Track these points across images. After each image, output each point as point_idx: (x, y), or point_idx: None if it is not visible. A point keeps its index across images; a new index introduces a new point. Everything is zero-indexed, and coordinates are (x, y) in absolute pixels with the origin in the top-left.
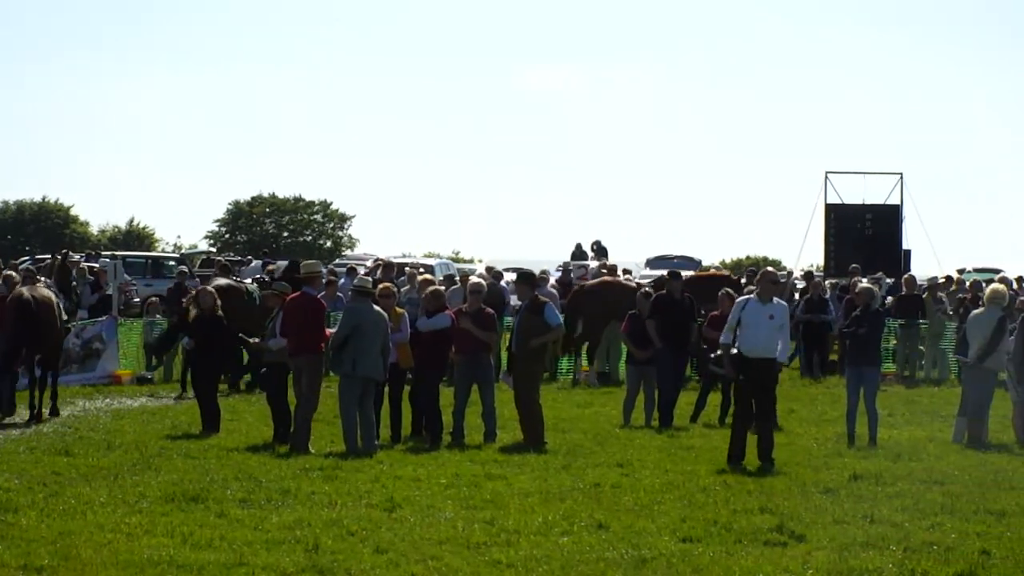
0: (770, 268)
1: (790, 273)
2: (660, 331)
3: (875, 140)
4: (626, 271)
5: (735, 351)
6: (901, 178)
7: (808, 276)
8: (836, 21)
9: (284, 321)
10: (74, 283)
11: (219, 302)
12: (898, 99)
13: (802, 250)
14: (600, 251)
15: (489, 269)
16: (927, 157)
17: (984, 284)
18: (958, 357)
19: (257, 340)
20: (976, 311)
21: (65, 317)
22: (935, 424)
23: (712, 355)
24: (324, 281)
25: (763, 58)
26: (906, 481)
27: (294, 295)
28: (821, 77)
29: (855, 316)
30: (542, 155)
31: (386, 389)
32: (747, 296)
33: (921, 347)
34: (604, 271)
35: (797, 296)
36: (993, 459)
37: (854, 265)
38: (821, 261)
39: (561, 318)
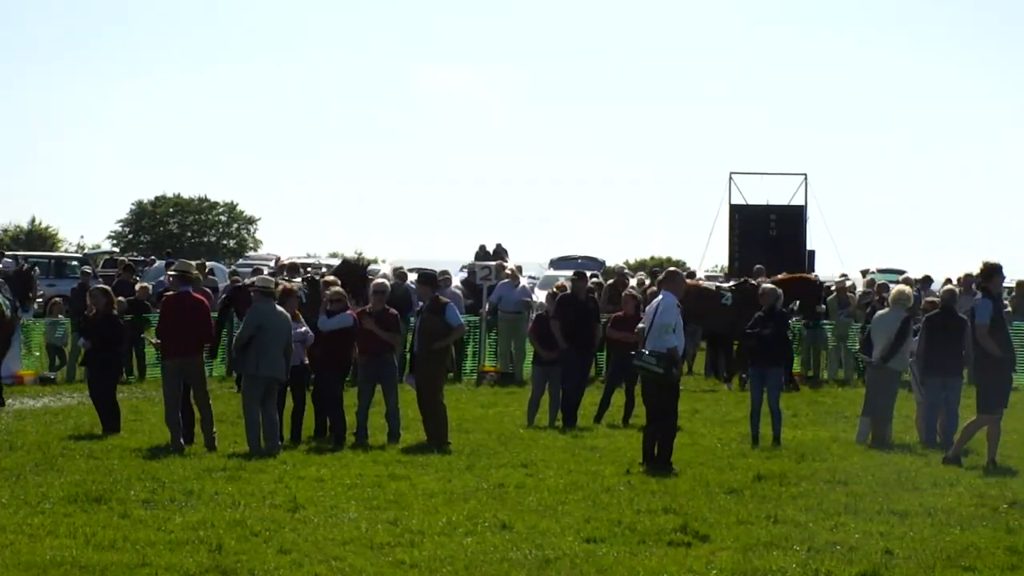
0: (673, 268)
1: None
2: (564, 331)
3: (779, 141)
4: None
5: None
6: (805, 179)
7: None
8: (737, 21)
9: (160, 321)
10: None
11: (115, 302)
12: (802, 100)
13: (706, 251)
14: (499, 253)
15: (396, 270)
16: (831, 158)
17: (890, 285)
18: (862, 357)
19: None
20: (881, 312)
21: None
22: (839, 424)
23: (634, 352)
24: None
25: (667, 59)
26: (810, 481)
27: (171, 295)
28: (725, 77)
29: (759, 317)
30: (445, 155)
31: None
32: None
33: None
34: (507, 274)
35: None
36: (896, 459)
37: (758, 266)
38: (725, 262)
39: (463, 319)
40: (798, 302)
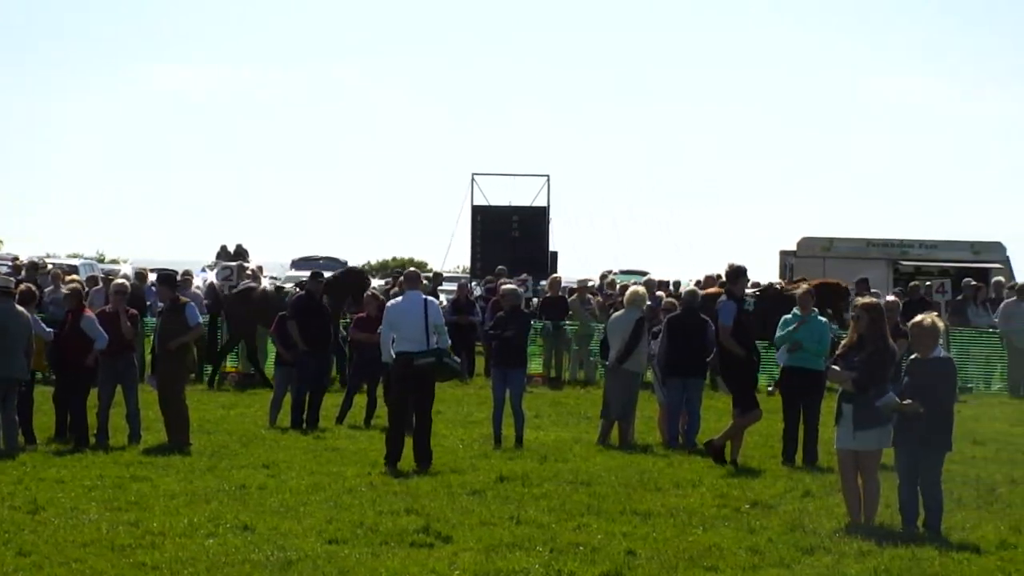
0: (413, 269)
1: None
2: (302, 333)
3: (522, 142)
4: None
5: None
6: (548, 180)
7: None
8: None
9: None
10: None
11: None
12: (546, 101)
13: (448, 251)
14: (240, 253)
15: (138, 271)
16: (573, 159)
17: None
18: (599, 359)
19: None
20: (616, 313)
21: None
22: (581, 425)
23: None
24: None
25: (409, 60)
26: (552, 482)
27: None
28: (467, 78)
29: (500, 317)
30: (188, 155)
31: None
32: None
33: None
34: (248, 275)
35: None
36: (639, 460)
37: (500, 267)
38: (468, 262)
39: (201, 318)
40: (829, 309)
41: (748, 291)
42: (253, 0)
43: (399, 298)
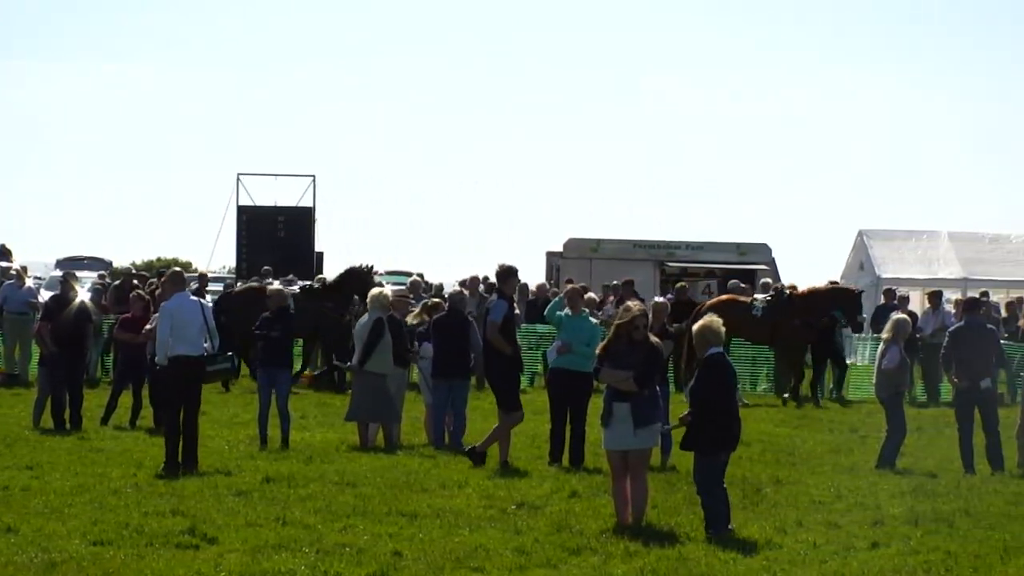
0: (177, 269)
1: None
2: (53, 334)
3: (288, 142)
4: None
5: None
6: (314, 180)
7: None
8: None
9: None
10: None
11: None
12: (310, 101)
13: (214, 252)
14: (3, 254)
15: None
16: (339, 159)
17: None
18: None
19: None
20: (362, 317)
21: None
22: (347, 427)
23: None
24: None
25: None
26: (318, 483)
27: None
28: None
29: (265, 318)
30: None
31: None
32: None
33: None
34: (12, 274)
35: None
36: (405, 461)
37: (266, 267)
38: (234, 263)
39: None
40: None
41: (759, 296)
42: None
43: (173, 299)
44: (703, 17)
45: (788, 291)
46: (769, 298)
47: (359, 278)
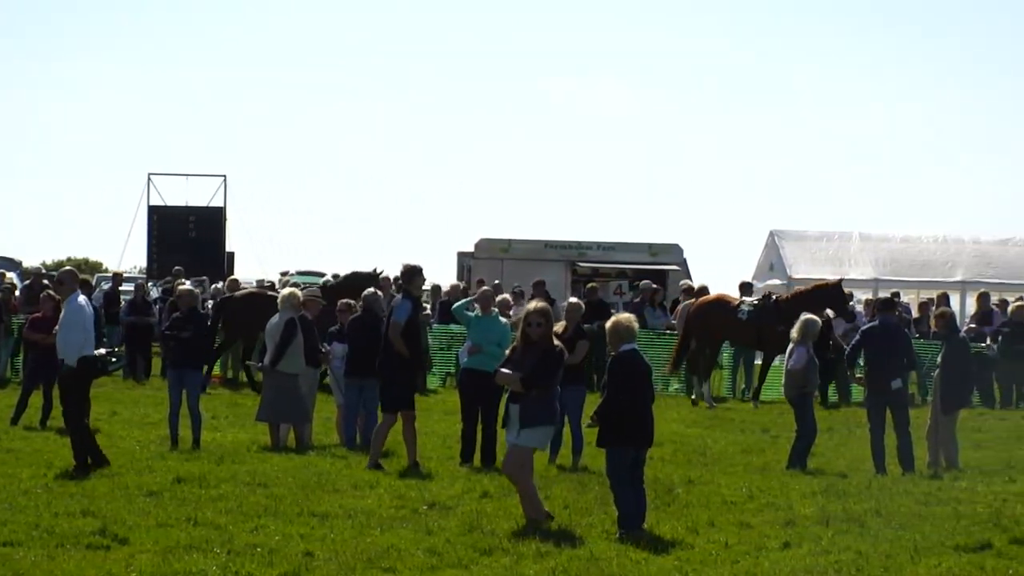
0: (70, 268)
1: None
2: None
3: (199, 142)
4: None
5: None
6: (224, 180)
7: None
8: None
9: None
10: None
11: None
12: (220, 100)
13: (124, 252)
14: None
15: None
16: (250, 159)
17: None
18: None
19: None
20: (273, 317)
21: None
22: (258, 427)
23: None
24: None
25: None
26: (229, 483)
27: None
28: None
29: (177, 318)
30: None
31: None
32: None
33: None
34: None
35: None
36: (316, 461)
37: (177, 268)
38: (144, 263)
39: None
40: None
41: (747, 299)
42: None
43: (81, 299)
44: (614, 17)
45: (775, 297)
46: (756, 302)
47: (364, 281)
